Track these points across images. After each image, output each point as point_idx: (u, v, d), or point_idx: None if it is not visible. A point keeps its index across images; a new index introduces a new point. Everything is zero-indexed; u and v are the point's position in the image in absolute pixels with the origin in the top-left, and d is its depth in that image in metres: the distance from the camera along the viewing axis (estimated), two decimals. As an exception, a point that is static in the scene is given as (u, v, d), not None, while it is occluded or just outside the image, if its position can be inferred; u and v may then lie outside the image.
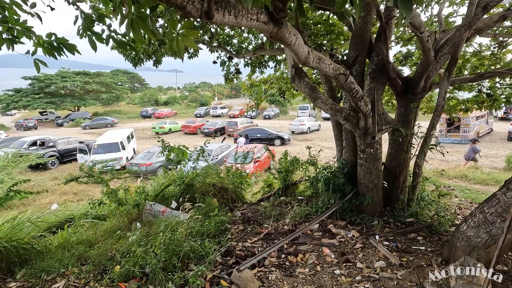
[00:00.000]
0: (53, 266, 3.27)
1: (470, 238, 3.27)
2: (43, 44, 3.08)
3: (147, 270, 3.03)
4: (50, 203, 11.47)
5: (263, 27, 1.65)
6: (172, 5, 1.18)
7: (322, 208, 5.00)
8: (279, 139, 22.26)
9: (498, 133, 21.90)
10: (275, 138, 22.30)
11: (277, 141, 22.11)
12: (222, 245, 3.96)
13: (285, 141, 22.30)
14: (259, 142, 21.31)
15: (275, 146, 20.89)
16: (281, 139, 22.24)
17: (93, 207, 4.77)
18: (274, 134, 22.69)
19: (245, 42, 6.72)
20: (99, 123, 35.07)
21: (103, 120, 35.82)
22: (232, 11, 1.42)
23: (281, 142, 22.04)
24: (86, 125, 34.82)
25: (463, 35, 3.74)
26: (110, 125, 34.93)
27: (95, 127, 34.20)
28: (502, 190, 3.00)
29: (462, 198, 8.55)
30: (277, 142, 22.01)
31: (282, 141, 22.16)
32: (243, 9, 1.44)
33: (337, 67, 2.68)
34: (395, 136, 4.64)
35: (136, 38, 1.34)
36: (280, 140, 22.21)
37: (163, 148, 5.64)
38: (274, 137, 22.38)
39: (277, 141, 22.08)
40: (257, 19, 1.58)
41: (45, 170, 17.25)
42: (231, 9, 1.42)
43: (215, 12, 1.31)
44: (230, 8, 1.41)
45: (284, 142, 22.13)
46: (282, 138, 22.33)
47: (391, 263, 3.62)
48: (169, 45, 1.38)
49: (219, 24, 3.77)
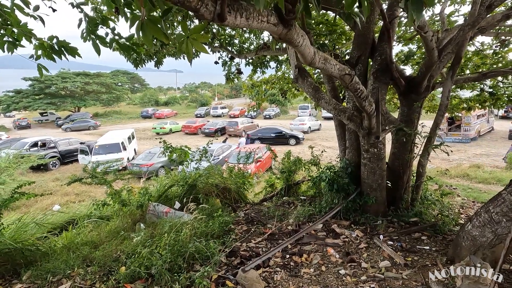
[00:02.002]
0: (58, 268, 3.27)
1: (475, 237, 3.27)
2: (44, 47, 3.07)
3: (153, 271, 3.04)
4: (52, 204, 11.48)
5: (273, 28, 1.65)
6: (185, 7, 1.18)
7: (326, 208, 5.00)
8: (294, 138, 22.03)
9: (499, 131, 21.88)
10: (290, 137, 22.08)
11: (292, 140, 21.84)
12: (226, 246, 3.96)
13: (300, 140, 22.04)
14: (273, 141, 21.38)
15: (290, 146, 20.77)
16: (296, 138, 22.00)
17: (97, 208, 4.77)
18: (288, 134, 22.48)
19: (247, 42, 6.72)
20: (80, 125, 34.27)
21: (85, 123, 34.99)
22: (244, 14, 1.42)
23: (296, 142, 21.78)
24: (67, 127, 33.95)
25: (466, 34, 3.74)
26: (93, 127, 34.17)
27: (76, 129, 33.29)
28: (508, 189, 3.00)
29: (465, 197, 8.55)
30: (292, 141, 21.74)
31: (297, 140, 21.91)
32: (254, 11, 1.44)
33: (342, 68, 2.68)
34: (399, 135, 4.64)
35: (146, 42, 1.34)
36: (295, 139, 21.95)
37: (164, 149, 5.64)
38: (288, 136, 22.17)
39: (292, 141, 21.80)
40: (267, 21, 1.58)
41: (46, 171, 17.26)
42: (243, 12, 1.42)
43: (227, 15, 1.32)
44: (242, 10, 1.41)
45: (299, 142, 21.86)
46: (297, 137, 22.09)
47: (396, 263, 3.63)
48: (179, 47, 1.38)
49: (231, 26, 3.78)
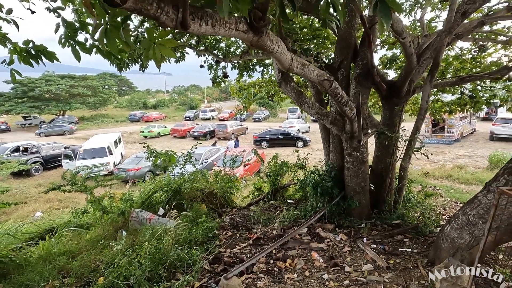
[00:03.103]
0: (32, 280, 3.14)
1: (454, 239, 3.33)
2: (20, 52, 2.97)
3: (131, 282, 2.95)
4: (33, 211, 11.11)
5: (242, 36, 1.64)
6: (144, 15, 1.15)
7: (311, 211, 5.00)
8: (301, 140, 21.91)
9: (481, 133, 22.55)
10: (297, 139, 21.96)
11: (300, 142, 21.65)
12: (210, 253, 3.91)
13: (307, 142, 21.92)
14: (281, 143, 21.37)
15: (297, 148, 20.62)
16: (304, 140, 21.89)
17: (76, 216, 4.62)
18: (296, 136, 22.41)
19: (233, 46, 6.71)
20: (55, 130, 32.92)
21: (60, 127, 33.62)
22: (209, 21, 1.39)
23: (303, 144, 21.62)
24: (41, 132, 32.56)
25: (443, 40, 3.83)
26: (68, 132, 32.94)
27: (50, 134, 31.85)
28: (483, 192, 3.07)
29: (447, 198, 8.75)
30: (299, 143, 21.54)
31: (305, 142, 21.77)
32: (221, 18, 1.43)
33: (321, 73, 2.69)
34: (381, 139, 4.71)
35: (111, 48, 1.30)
36: (302, 141, 21.81)
37: (148, 154, 5.53)
38: (296, 138, 22.07)
39: (299, 143, 21.61)
40: (236, 28, 1.56)
41: (28, 177, 16.74)
42: (208, 19, 1.39)
43: (191, 22, 1.29)
44: (207, 18, 1.38)
45: (306, 144, 21.72)
46: (304, 139, 22.00)
47: (378, 266, 3.65)
48: (146, 53, 1.35)
49: (196, 33, 3.74)
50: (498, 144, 18.54)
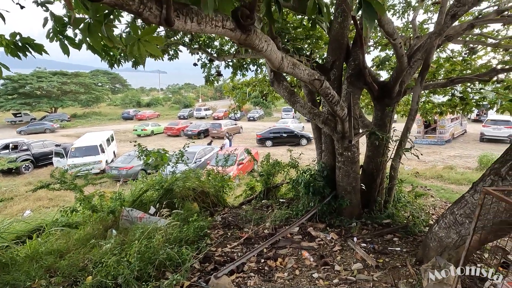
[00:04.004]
0: (18, 279, 3.09)
1: (441, 238, 3.37)
2: (7, 45, 2.91)
3: (119, 281, 2.92)
4: (22, 210, 10.92)
5: (230, 34, 1.63)
6: (126, 10, 1.13)
7: (303, 211, 5.02)
8: (305, 138, 22.02)
9: (471, 134, 22.89)
10: (301, 137, 22.08)
11: (304, 140, 21.80)
12: (200, 251, 3.89)
13: (311, 139, 21.84)
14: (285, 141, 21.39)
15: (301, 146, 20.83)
16: (307, 138, 21.96)
17: (64, 215, 4.56)
18: (300, 133, 22.51)
19: (227, 44, 6.68)
20: (36, 128, 32.37)
21: (41, 125, 33.11)
22: (194, 18, 1.37)
23: (307, 141, 21.74)
24: (22, 130, 31.97)
25: (434, 42, 3.87)
26: (49, 130, 32.42)
27: (31, 132, 31.27)
28: (470, 192, 3.12)
29: (438, 197, 8.88)
30: (303, 141, 21.68)
31: (308, 140, 21.84)
32: (207, 16, 1.41)
33: (311, 73, 2.70)
34: (372, 139, 4.74)
35: (94, 44, 1.28)
36: (306, 139, 21.92)
37: (140, 153, 5.48)
38: (300, 136, 22.19)
39: (303, 141, 21.75)
40: (222, 26, 1.55)
41: (18, 174, 16.44)
42: (193, 16, 1.37)
43: (175, 19, 1.27)
44: (192, 15, 1.37)
45: (310, 141, 21.68)
46: (308, 137, 22.03)
47: (368, 265, 3.68)
48: (130, 50, 1.33)
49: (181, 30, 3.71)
50: (488, 145, 18.85)
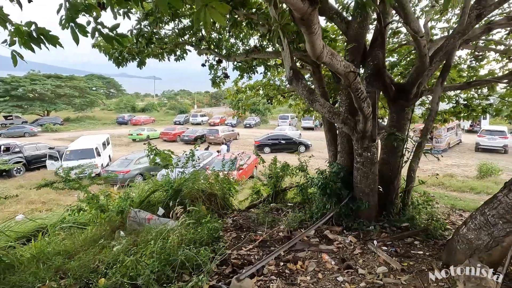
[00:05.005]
0: (26, 281, 2.85)
1: (470, 240, 3.27)
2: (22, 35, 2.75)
3: (139, 282, 2.72)
4: (14, 213, 10.46)
5: (299, 4, 1.52)
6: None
7: (317, 213, 4.88)
8: (303, 145, 22.03)
9: (466, 144, 23.23)
10: (299, 144, 22.07)
11: (302, 147, 21.68)
12: (217, 254, 3.70)
13: (309, 146, 22.12)
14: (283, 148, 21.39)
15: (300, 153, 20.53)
16: (305, 145, 22.01)
17: (72, 214, 4.32)
18: (298, 140, 22.52)
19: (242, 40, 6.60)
20: (15, 131, 31.82)
21: (21, 129, 32.59)
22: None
23: (305, 148, 21.72)
24: (2, 132, 31.33)
25: (456, 42, 3.86)
26: (28, 134, 31.80)
27: (11, 135, 30.48)
28: (504, 191, 3.04)
29: (442, 204, 8.84)
30: (301, 148, 21.52)
31: (306, 147, 21.93)
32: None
33: (347, 65, 2.62)
34: (390, 140, 4.67)
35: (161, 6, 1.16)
36: (304, 146, 21.93)
37: (149, 151, 5.30)
38: (298, 143, 22.20)
39: (301, 148, 21.59)
40: (295, -8, 1.45)
41: (9, 177, 15.91)
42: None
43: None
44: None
45: (308, 148, 21.86)
46: (306, 144, 22.14)
47: (392, 268, 3.55)
48: (196, 15, 1.21)
49: None
50: (483, 155, 19.11)
